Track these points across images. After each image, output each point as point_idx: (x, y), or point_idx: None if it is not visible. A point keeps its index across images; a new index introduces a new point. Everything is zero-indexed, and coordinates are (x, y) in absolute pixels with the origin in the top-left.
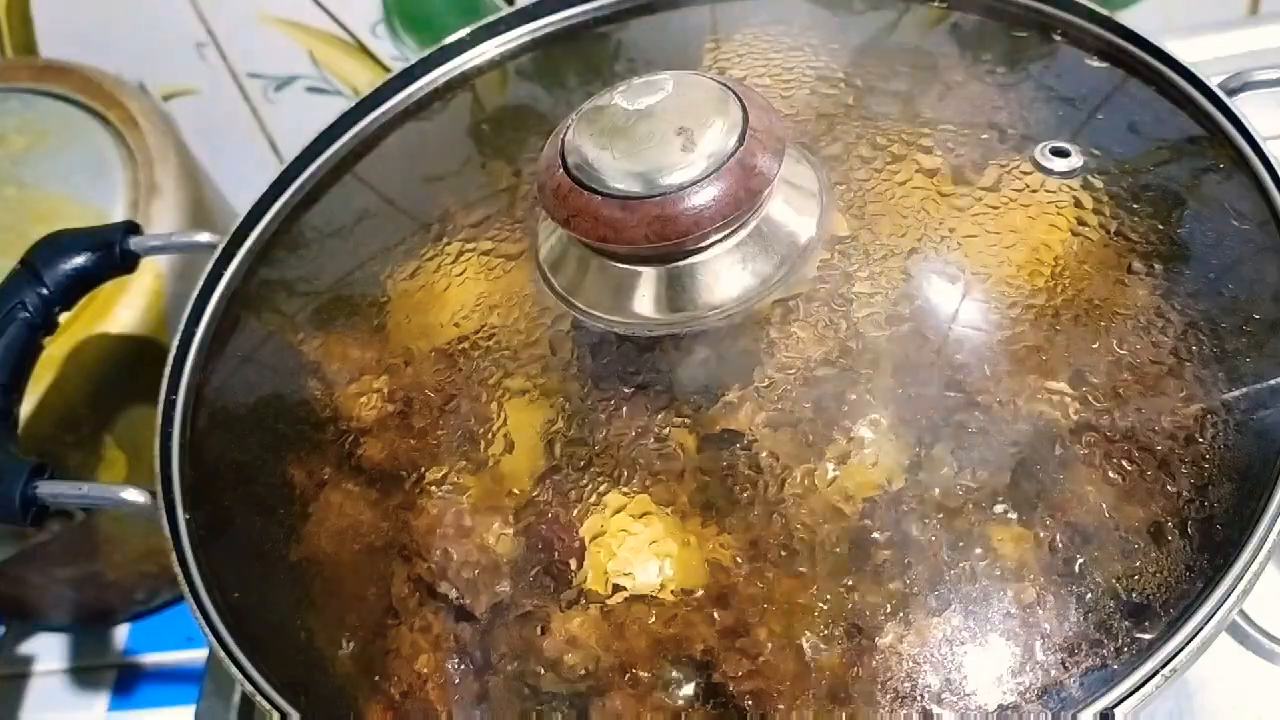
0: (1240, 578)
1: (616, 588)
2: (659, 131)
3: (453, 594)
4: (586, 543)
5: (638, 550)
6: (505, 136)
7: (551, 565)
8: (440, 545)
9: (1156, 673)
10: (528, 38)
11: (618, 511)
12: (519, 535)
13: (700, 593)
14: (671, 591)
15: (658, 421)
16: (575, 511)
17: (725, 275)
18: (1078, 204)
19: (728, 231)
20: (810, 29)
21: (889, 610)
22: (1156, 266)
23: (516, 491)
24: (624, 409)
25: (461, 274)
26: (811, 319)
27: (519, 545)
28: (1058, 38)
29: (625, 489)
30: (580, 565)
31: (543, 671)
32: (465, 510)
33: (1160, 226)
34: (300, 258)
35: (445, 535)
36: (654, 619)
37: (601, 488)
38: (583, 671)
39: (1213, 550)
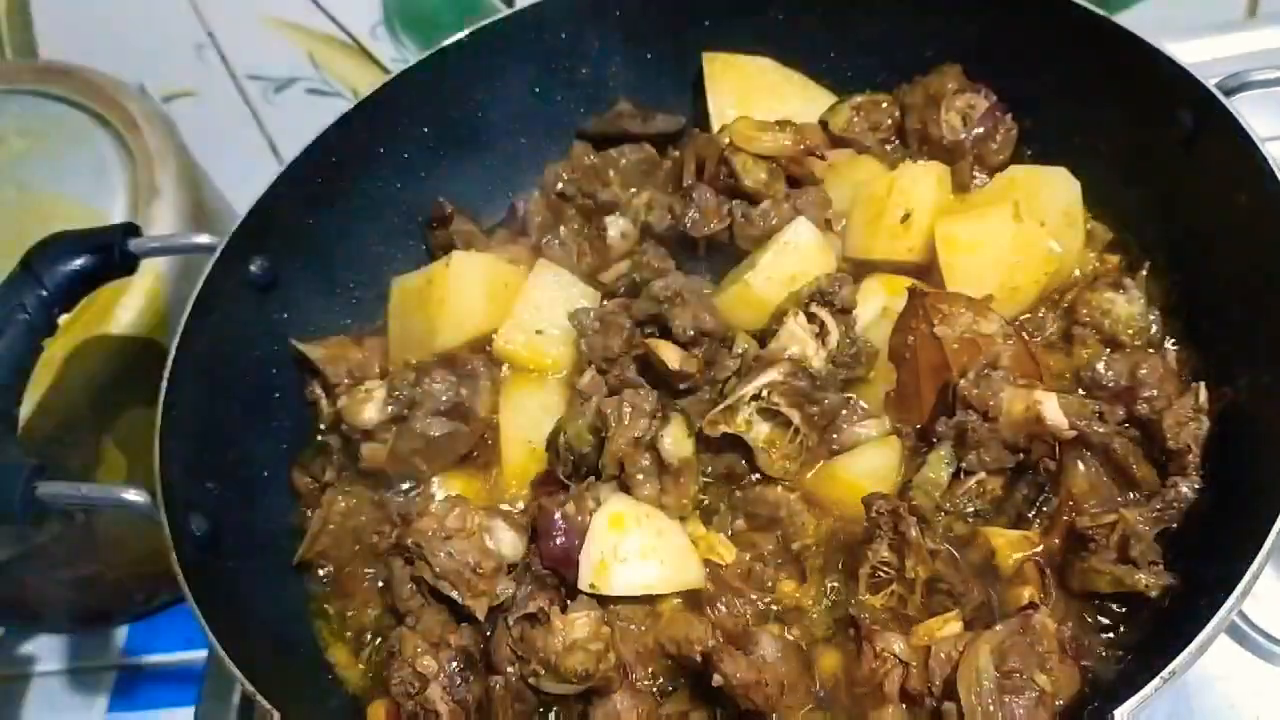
0: (1239, 579)
1: (617, 588)
2: None
3: (453, 594)
4: (587, 542)
5: (638, 550)
6: None
7: (552, 565)
8: (441, 546)
9: (1156, 673)
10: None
11: (618, 511)
12: (519, 535)
13: (700, 593)
14: (672, 592)
15: (658, 422)
16: (575, 512)
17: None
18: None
19: None
20: None
21: (888, 611)
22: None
23: (516, 492)
24: (625, 409)
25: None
26: (811, 321)
27: (519, 545)
28: None
29: (625, 489)
30: (580, 565)
31: (543, 671)
32: (466, 511)
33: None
34: (300, 259)
35: (446, 536)
36: (654, 619)
37: (601, 488)
38: (583, 671)
39: (1212, 551)
